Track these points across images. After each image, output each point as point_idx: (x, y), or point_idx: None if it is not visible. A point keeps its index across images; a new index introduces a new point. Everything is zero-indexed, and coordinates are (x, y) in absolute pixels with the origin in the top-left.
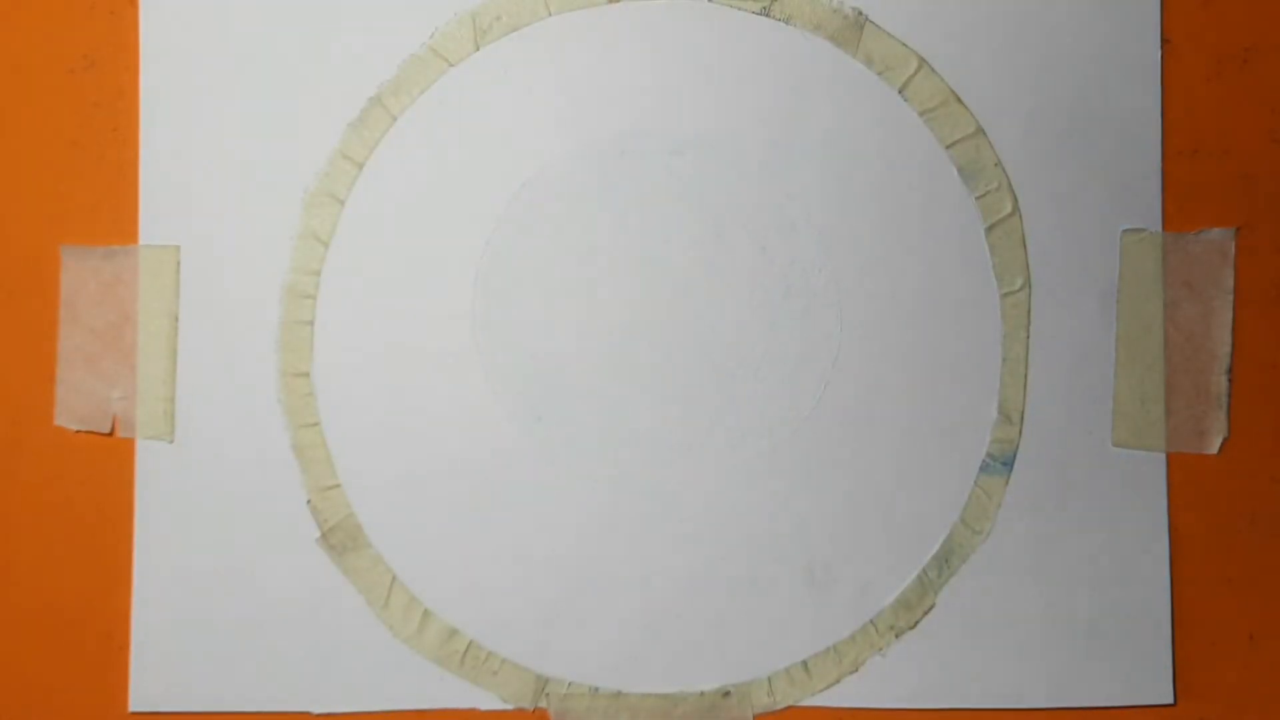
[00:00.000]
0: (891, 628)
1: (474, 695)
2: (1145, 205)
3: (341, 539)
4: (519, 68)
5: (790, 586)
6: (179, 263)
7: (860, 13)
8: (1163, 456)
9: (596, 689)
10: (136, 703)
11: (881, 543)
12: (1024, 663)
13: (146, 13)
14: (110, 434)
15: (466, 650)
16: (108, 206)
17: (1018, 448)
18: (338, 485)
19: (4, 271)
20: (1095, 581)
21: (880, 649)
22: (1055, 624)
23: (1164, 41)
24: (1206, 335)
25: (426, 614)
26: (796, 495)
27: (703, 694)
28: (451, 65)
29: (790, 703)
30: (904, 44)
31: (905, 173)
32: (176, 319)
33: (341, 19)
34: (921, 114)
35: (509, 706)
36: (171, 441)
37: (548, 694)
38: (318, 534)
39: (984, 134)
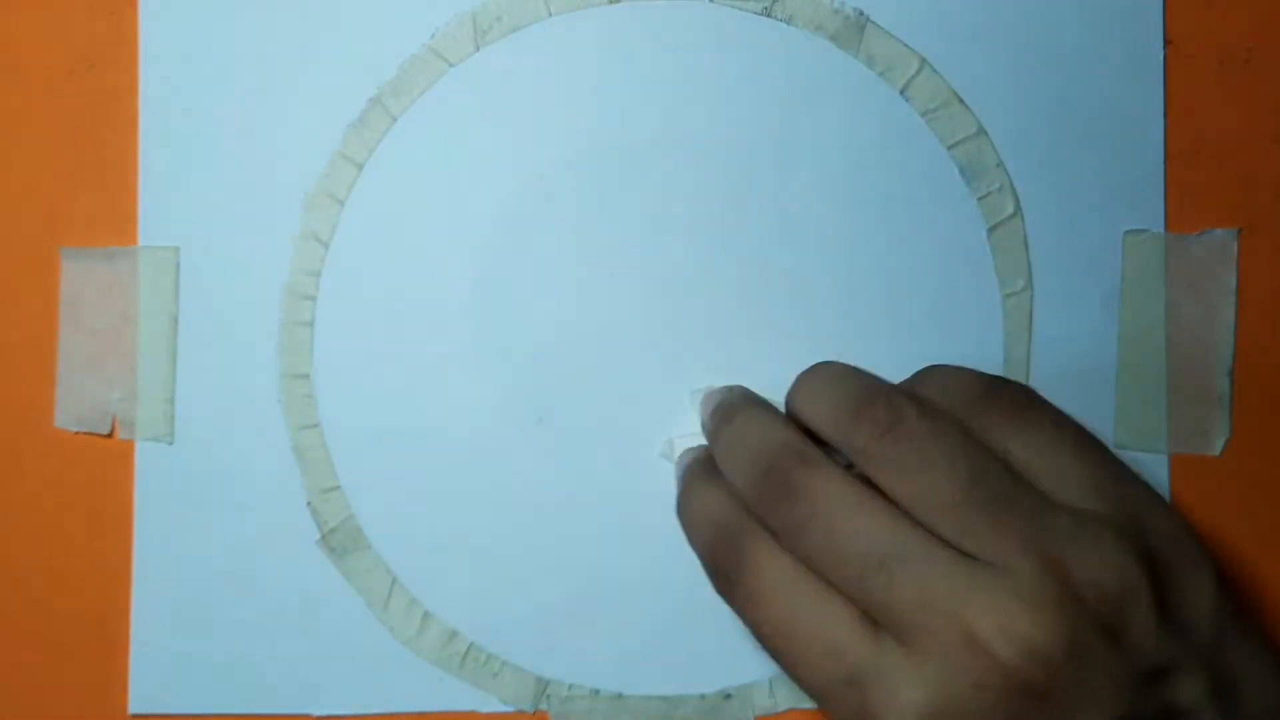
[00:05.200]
0: None
1: (474, 697)
2: (1148, 206)
3: (342, 541)
4: (519, 68)
5: None
6: (179, 264)
7: (862, 13)
8: (1165, 458)
9: (597, 691)
10: (136, 705)
11: None
12: None
13: (146, 13)
14: (110, 435)
15: (467, 652)
16: (107, 208)
17: None
18: (338, 487)
19: (3, 273)
20: None
21: None
22: None
23: (1167, 42)
24: (1209, 336)
25: (427, 616)
26: None
27: (704, 697)
28: (452, 66)
29: (791, 705)
30: (905, 44)
31: (906, 173)
32: (176, 320)
33: (341, 20)
34: (923, 114)
35: (509, 709)
36: (171, 443)
37: (548, 696)
38: (318, 536)
39: (986, 134)
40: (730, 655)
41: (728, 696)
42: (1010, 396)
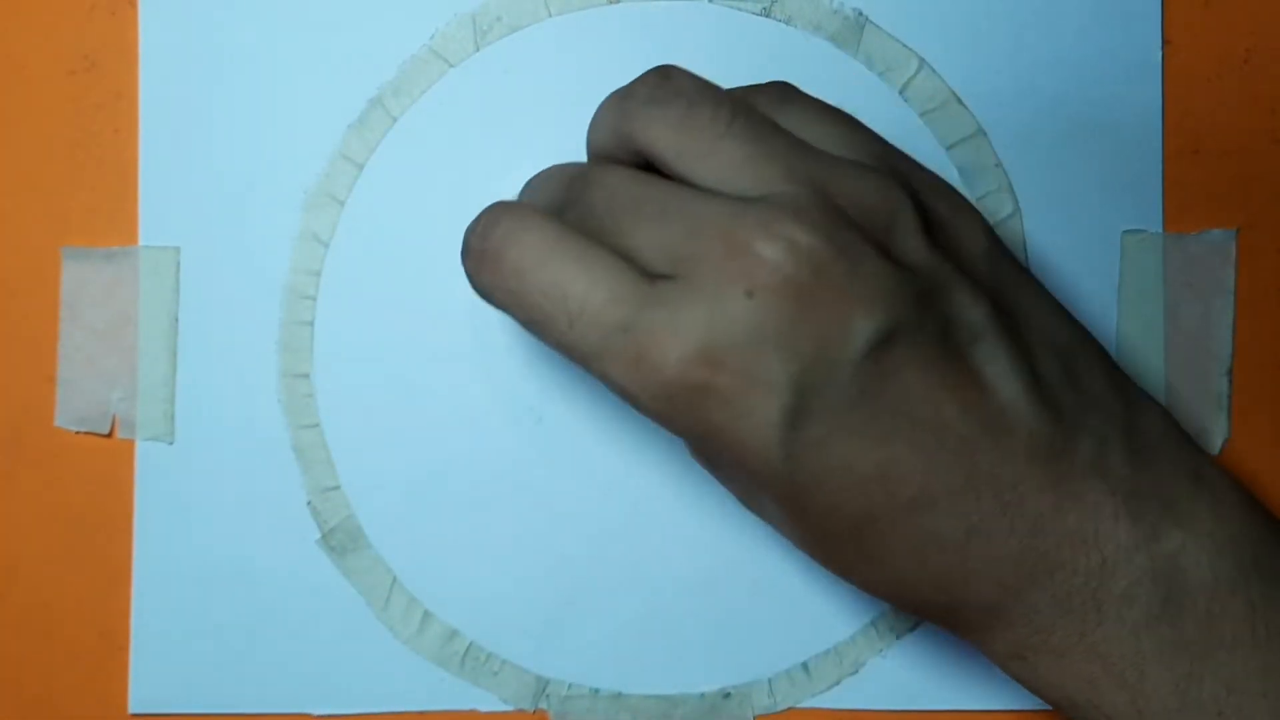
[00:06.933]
0: (892, 629)
1: (474, 696)
2: (1146, 206)
3: (342, 540)
4: (519, 68)
5: (792, 588)
6: (179, 264)
7: (861, 13)
8: None
9: (597, 690)
10: (136, 704)
11: None
12: None
13: (146, 14)
14: (110, 435)
15: (467, 651)
16: (108, 207)
17: None
18: (338, 487)
19: (4, 272)
20: None
21: (881, 651)
22: None
23: (1165, 42)
24: (1207, 336)
25: (427, 615)
26: None
27: (703, 695)
28: (452, 66)
29: (790, 704)
30: (904, 45)
31: None
32: (176, 320)
33: (341, 20)
34: (922, 115)
35: (509, 708)
36: (171, 442)
37: (548, 695)
38: (318, 535)
39: (984, 135)
40: (730, 654)
41: (727, 695)
42: (772, 88)
